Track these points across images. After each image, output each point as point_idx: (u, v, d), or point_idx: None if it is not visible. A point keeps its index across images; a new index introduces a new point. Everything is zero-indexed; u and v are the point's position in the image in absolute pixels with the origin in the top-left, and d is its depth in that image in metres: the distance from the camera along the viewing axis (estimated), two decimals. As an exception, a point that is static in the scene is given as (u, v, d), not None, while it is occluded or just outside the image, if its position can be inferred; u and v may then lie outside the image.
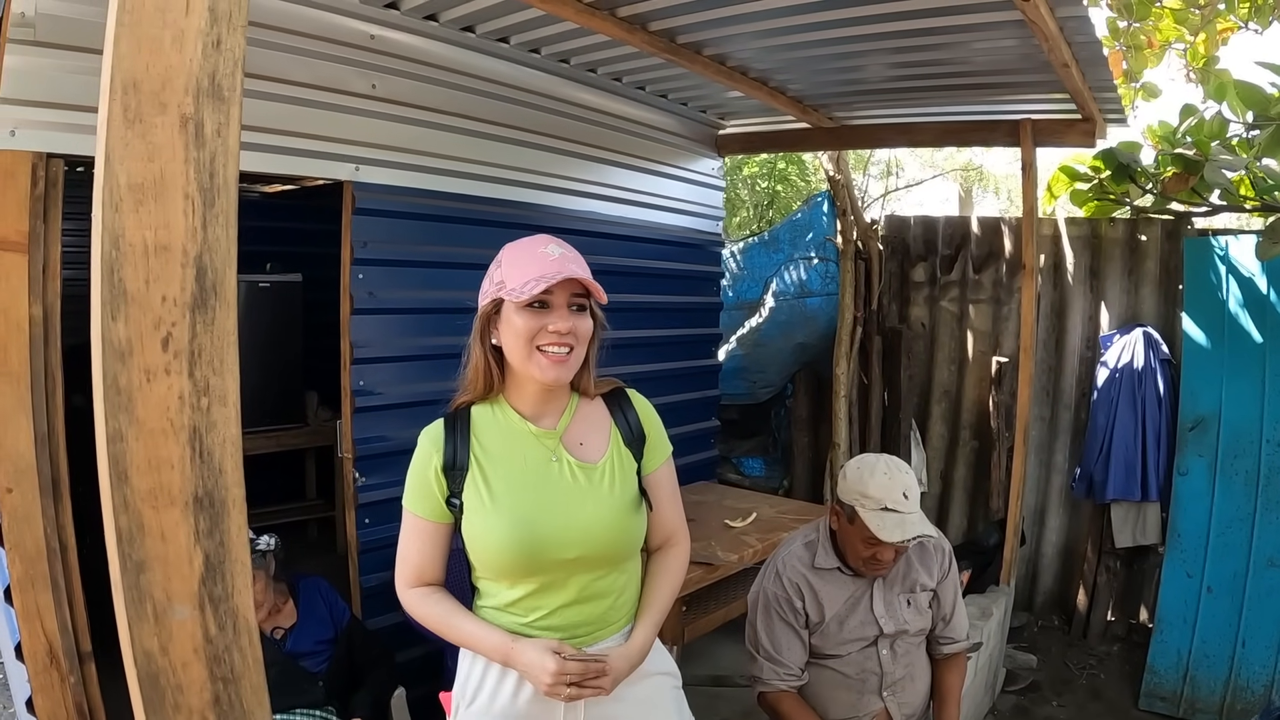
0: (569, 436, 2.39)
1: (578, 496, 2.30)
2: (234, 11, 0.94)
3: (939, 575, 3.31)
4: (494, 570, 2.29)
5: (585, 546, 2.26)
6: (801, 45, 4.73)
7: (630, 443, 2.44)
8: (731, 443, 8.25)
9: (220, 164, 0.93)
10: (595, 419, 2.45)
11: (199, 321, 0.91)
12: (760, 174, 13.85)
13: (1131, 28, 8.79)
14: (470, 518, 2.27)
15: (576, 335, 2.24)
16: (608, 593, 2.35)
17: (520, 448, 2.33)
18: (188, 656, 0.91)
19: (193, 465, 0.91)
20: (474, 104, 4.75)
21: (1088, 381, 6.77)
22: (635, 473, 2.42)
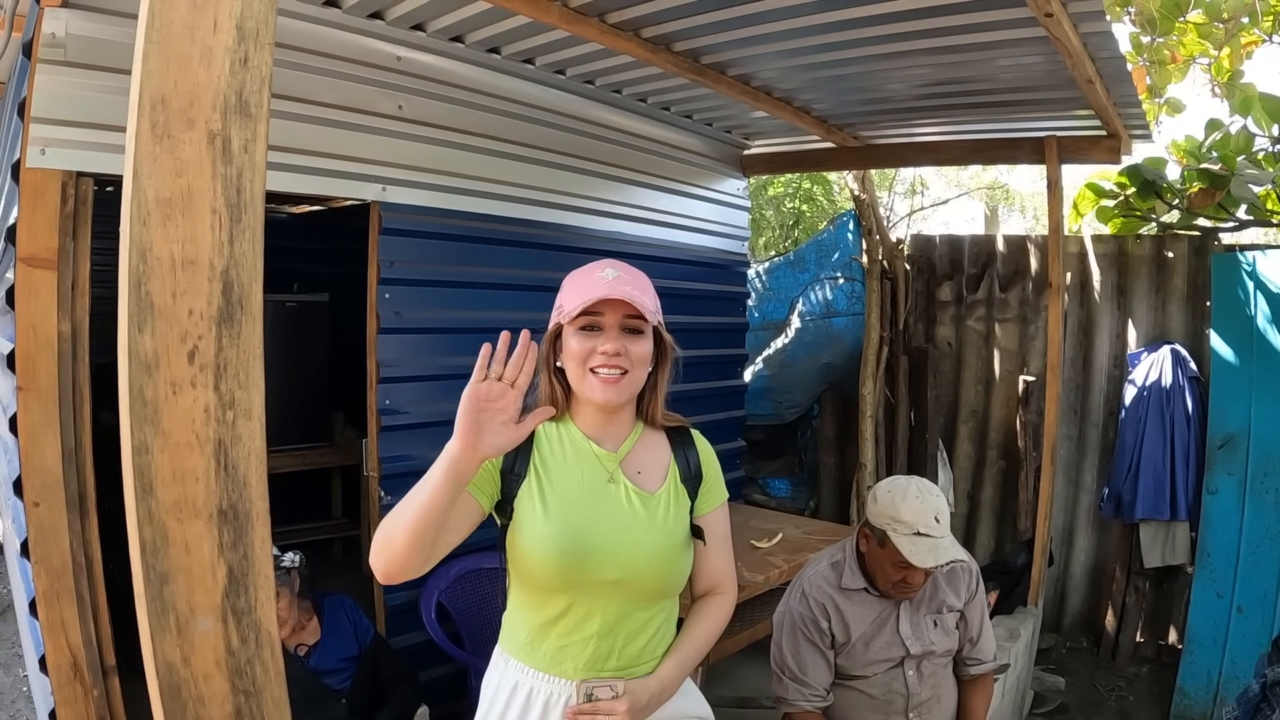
0: (629, 462, 2.38)
1: (630, 519, 2.30)
2: (261, 29, 0.95)
3: (966, 596, 3.29)
4: (535, 582, 2.27)
5: (628, 569, 2.24)
6: (825, 65, 4.74)
7: (686, 480, 2.42)
8: (758, 463, 8.23)
9: (247, 180, 0.94)
10: (656, 451, 2.44)
11: (225, 335, 0.92)
12: (786, 194, 13.85)
13: (1155, 43, 8.77)
14: (520, 525, 2.26)
15: (630, 358, 2.23)
16: (644, 628, 2.31)
17: (580, 465, 2.34)
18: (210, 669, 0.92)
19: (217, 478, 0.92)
20: (500, 125, 4.78)
21: (1115, 400, 6.74)
22: (688, 511, 2.41)
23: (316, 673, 3.78)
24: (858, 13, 3.94)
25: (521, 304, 4.81)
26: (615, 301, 2.19)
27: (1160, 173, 6.97)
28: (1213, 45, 8.81)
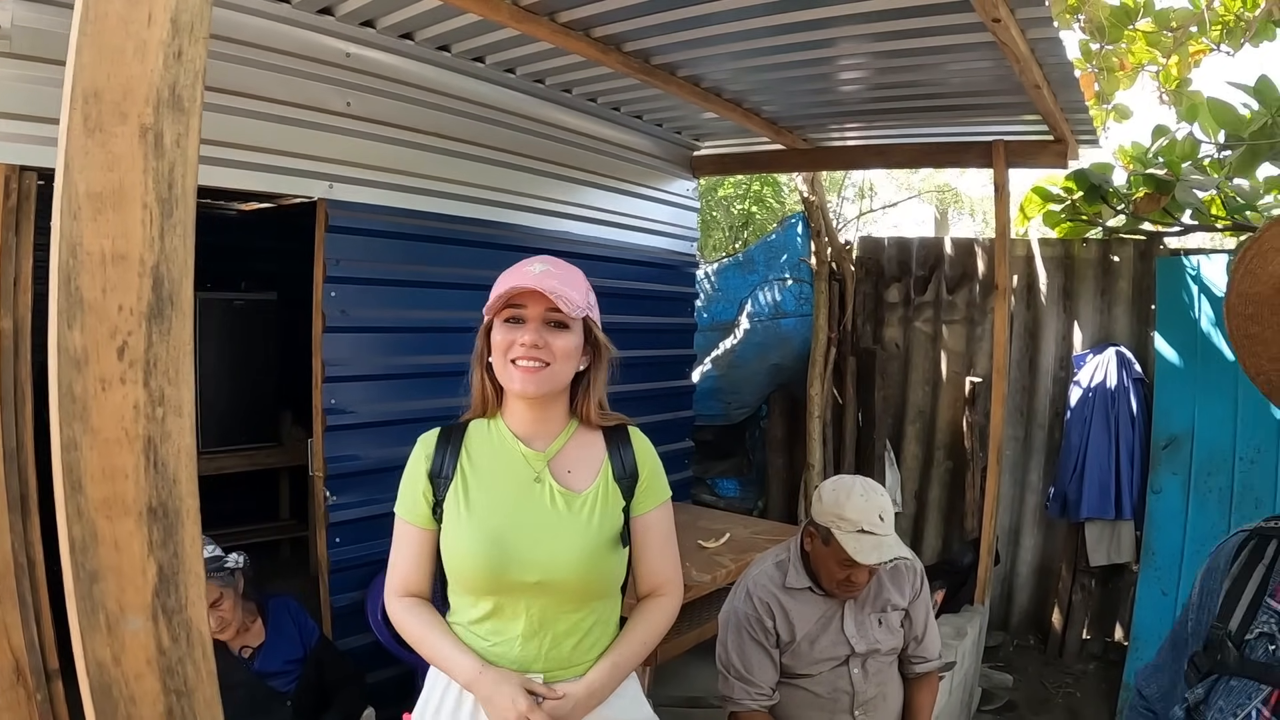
0: (558, 462, 2.37)
1: (553, 521, 2.28)
2: (196, 23, 0.95)
3: (911, 595, 3.31)
4: (460, 583, 2.29)
5: (549, 572, 2.23)
6: (775, 67, 4.76)
7: (621, 479, 2.39)
8: (707, 464, 8.25)
9: (179, 174, 0.93)
10: (590, 449, 2.43)
11: (155, 331, 0.91)
12: (736, 195, 13.88)
13: (1104, 50, 8.85)
14: (446, 526, 2.28)
15: (551, 350, 2.23)
16: (572, 630, 2.30)
17: (506, 465, 2.35)
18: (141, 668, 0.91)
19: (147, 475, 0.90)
20: (449, 123, 4.76)
21: (1061, 401, 6.83)
22: (622, 510, 2.38)
23: (261, 675, 3.75)
24: (807, 15, 3.96)
25: (469, 303, 4.78)
26: (537, 294, 2.20)
27: (1106, 177, 7.05)
28: (1161, 53, 8.91)
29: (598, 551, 2.29)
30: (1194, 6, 8.75)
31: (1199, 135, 7.22)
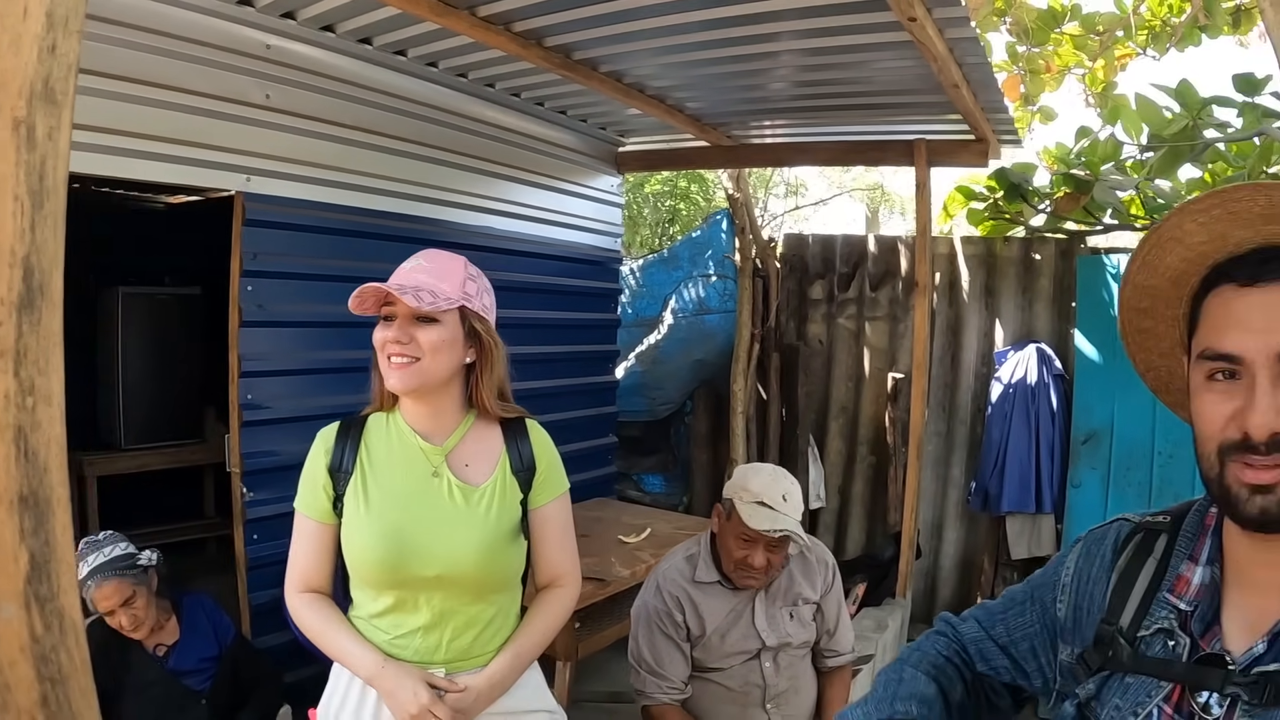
0: (455, 456, 2.40)
1: (451, 515, 2.31)
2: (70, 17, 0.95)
3: (822, 589, 3.34)
4: (360, 578, 2.31)
5: (447, 566, 2.27)
6: (699, 63, 4.78)
7: (518, 472, 2.43)
8: (632, 460, 8.26)
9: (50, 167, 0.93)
10: (488, 443, 2.45)
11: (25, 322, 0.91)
12: (662, 191, 13.92)
13: (1030, 52, 8.96)
14: (346, 521, 2.30)
15: (419, 345, 2.25)
16: (473, 623, 2.34)
17: (404, 459, 2.37)
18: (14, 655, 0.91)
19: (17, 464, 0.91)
20: (371, 117, 4.73)
21: (983, 397, 6.90)
22: (520, 503, 2.42)
23: (176, 673, 3.71)
24: (727, 12, 3.98)
25: (389, 298, 4.80)
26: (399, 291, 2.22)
27: (1026, 176, 7.15)
28: (1088, 56, 9.05)
29: (496, 544, 2.33)
30: (1120, 11, 8.90)
31: (1121, 137, 7.35)
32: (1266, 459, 1.09)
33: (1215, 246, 1.21)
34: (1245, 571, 1.24)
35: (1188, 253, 1.24)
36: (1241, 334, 1.12)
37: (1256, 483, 1.10)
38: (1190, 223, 1.20)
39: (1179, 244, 1.23)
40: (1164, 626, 1.27)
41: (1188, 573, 1.30)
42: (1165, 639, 1.26)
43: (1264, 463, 1.09)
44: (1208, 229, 1.19)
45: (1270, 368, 1.09)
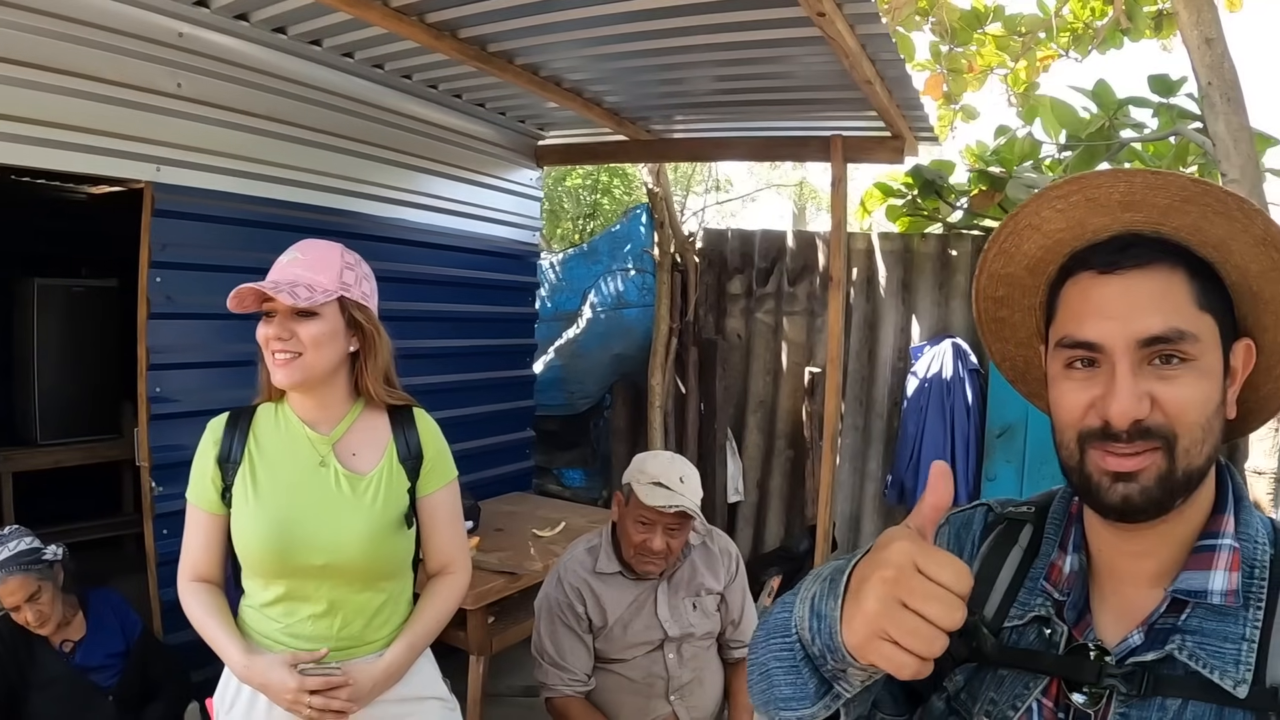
0: (343, 445, 2.41)
1: (338, 504, 2.33)
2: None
3: (726, 579, 3.37)
4: (250, 567, 2.32)
5: (334, 555, 2.29)
6: (616, 56, 4.77)
7: (405, 460, 2.45)
8: (552, 454, 8.25)
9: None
10: (375, 431, 2.47)
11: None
12: (584, 186, 13.90)
13: (953, 52, 9.07)
14: (235, 511, 2.32)
15: (300, 340, 2.26)
16: (363, 610, 2.37)
17: (292, 449, 2.38)
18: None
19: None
20: (285, 107, 4.67)
21: (900, 391, 6.96)
22: (407, 491, 2.44)
23: (82, 669, 3.65)
24: (643, 4, 3.98)
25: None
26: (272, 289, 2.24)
27: (940, 173, 7.24)
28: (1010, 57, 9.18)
29: (382, 533, 2.35)
30: (1043, 13, 9.05)
31: (1040, 135, 7.48)
32: (1128, 447, 1.09)
33: (1074, 234, 1.21)
34: (1110, 562, 1.25)
35: (1045, 240, 1.24)
36: (1100, 321, 1.12)
37: (1119, 470, 1.11)
38: (1048, 209, 1.20)
39: (1037, 231, 1.23)
40: (1040, 614, 1.26)
41: (1059, 561, 1.30)
42: (1040, 628, 1.26)
43: (1126, 450, 1.10)
44: (1066, 216, 1.19)
45: (1130, 355, 1.10)
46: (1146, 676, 1.12)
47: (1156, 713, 1.11)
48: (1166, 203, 1.11)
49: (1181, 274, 1.13)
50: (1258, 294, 1.17)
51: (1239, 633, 1.10)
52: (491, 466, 6.30)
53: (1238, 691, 1.06)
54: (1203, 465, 1.12)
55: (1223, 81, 5.13)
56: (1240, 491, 1.21)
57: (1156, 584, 1.18)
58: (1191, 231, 1.13)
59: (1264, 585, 1.12)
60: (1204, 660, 1.09)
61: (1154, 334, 1.09)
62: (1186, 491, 1.12)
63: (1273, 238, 1.10)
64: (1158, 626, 1.15)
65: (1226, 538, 1.16)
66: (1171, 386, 1.09)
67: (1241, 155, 5.10)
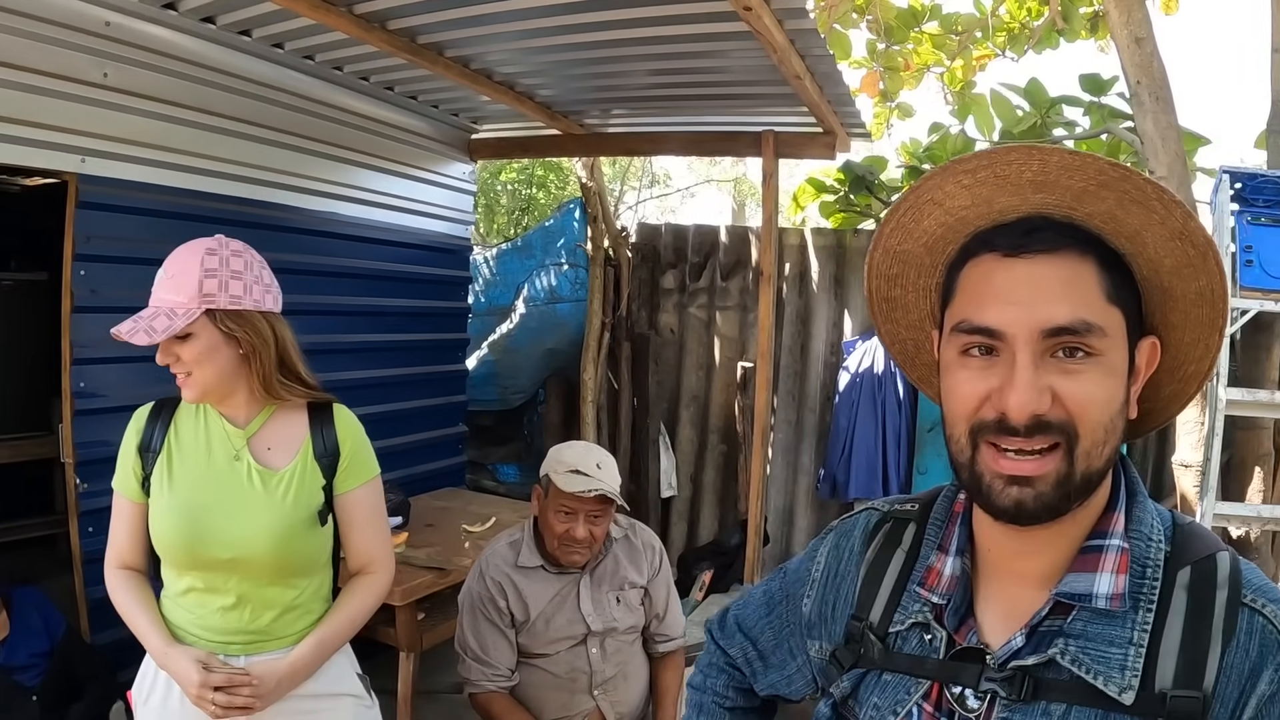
0: (259, 439, 2.41)
1: (249, 499, 2.33)
2: None
3: (650, 572, 3.38)
4: (163, 557, 2.34)
5: (242, 550, 2.29)
6: (548, 50, 4.76)
7: (321, 457, 2.43)
8: (487, 449, 8.22)
9: None
10: (292, 428, 2.45)
11: None
12: (519, 180, 13.86)
13: (889, 50, 9.14)
14: (151, 501, 2.35)
15: (184, 362, 2.26)
16: (273, 604, 2.36)
17: (209, 442, 2.39)
18: None
19: None
20: (214, 98, 4.59)
21: (832, 386, 7.01)
22: (322, 489, 2.42)
23: (5, 669, 3.63)
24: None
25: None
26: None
27: (872, 169, 7.30)
28: (946, 56, 9.27)
29: (291, 530, 2.34)
30: (980, 12, 9.15)
31: (973, 133, 7.57)
32: (1025, 443, 1.05)
33: (978, 212, 1.15)
34: (998, 561, 1.21)
35: (947, 217, 1.17)
36: (1003, 307, 1.07)
37: (1014, 474, 1.06)
38: (952, 184, 1.13)
39: (938, 207, 1.17)
40: (919, 620, 1.23)
41: (938, 564, 1.26)
42: (921, 633, 1.23)
43: (1025, 447, 1.05)
44: (972, 193, 1.13)
45: (1032, 345, 1.05)
46: (1027, 680, 1.10)
47: (1040, 718, 1.08)
48: (1081, 186, 1.06)
49: (1092, 263, 1.08)
50: (1168, 290, 1.13)
51: (1126, 637, 1.07)
52: (423, 462, 6.27)
53: (1123, 698, 1.03)
54: (1102, 467, 1.08)
55: (1152, 80, 5.21)
56: (1134, 487, 1.18)
57: (1044, 585, 1.15)
58: (1106, 219, 1.08)
59: (1155, 585, 1.09)
60: (1088, 666, 1.07)
61: (1059, 324, 1.04)
62: (1084, 495, 1.09)
63: (1190, 232, 1.05)
64: (1042, 629, 1.13)
65: (1115, 538, 1.12)
66: (1075, 382, 1.05)
67: (1169, 153, 5.19)
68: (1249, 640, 1.02)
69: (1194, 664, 1.03)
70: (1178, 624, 1.06)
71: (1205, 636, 1.04)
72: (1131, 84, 5.32)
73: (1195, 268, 1.08)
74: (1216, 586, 1.07)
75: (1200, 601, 1.07)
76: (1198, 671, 1.03)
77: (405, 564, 4.46)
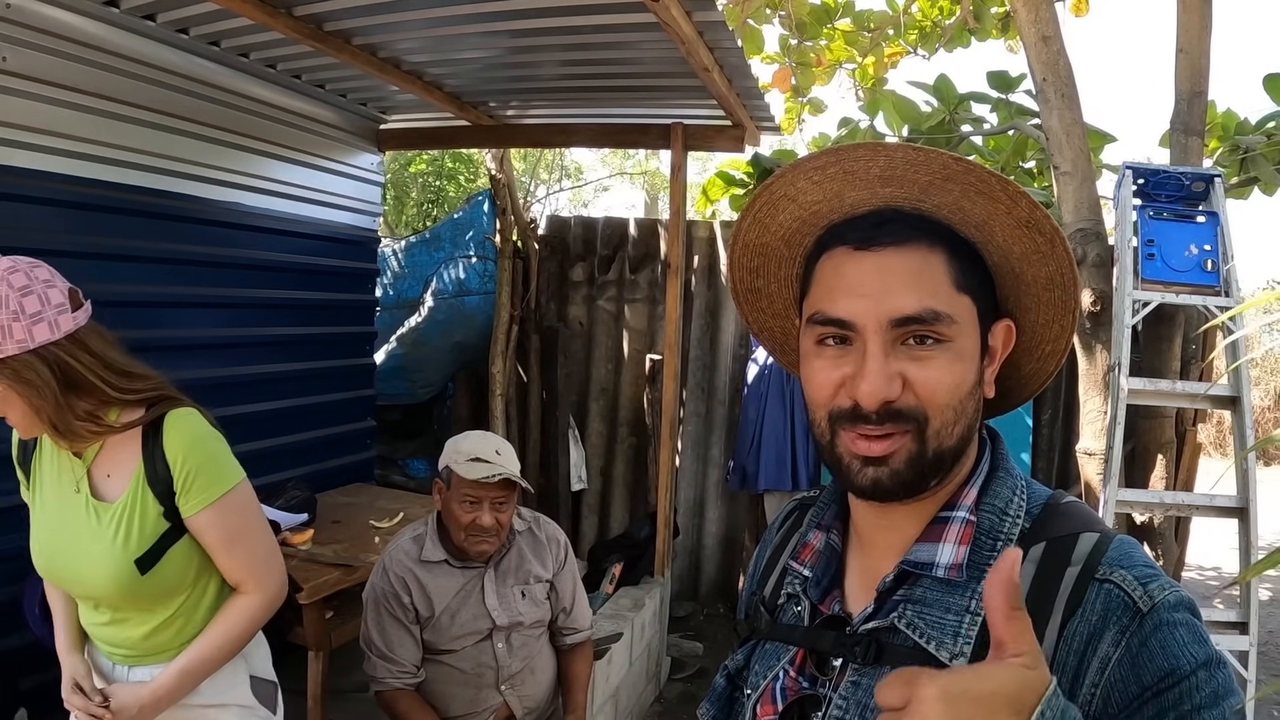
0: (98, 465, 2.27)
1: (85, 537, 2.22)
2: None
3: (555, 566, 3.38)
4: None
5: (89, 588, 2.25)
6: (457, 39, 4.72)
7: (154, 483, 2.22)
8: (396, 444, 8.16)
9: None
10: (128, 449, 2.26)
11: None
12: (429, 171, 13.76)
13: (802, 45, 9.21)
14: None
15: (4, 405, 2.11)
16: (145, 623, 2.30)
17: (59, 469, 2.29)
18: None
19: None
20: (117, 84, 4.46)
21: (742, 378, 7.06)
22: (160, 516, 2.24)
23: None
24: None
25: (132, 276, 4.55)
26: None
27: (780, 162, 7.35)
28: (859, 52, 9.36)
29: (127, 568, 2.20)
30: (892, 10, 9.26)
31: (882, 129, 7.65)
32: (879, 429, 1.08)
33: (830, 206, 1.19)
34: (865, 535, 1.26)
35: (801, 211, 1.22)
36: (853, 299, 1.10)
37: (868, 454, 1.10)
38: (804, 180, 1.17)
39: (792, 202, 1.21)
40: (790, 592, 1.30)
41: (813, 539, 1.32)
42: (793, 605, 1.29)
43: (875, 432, 1.09)
44: (822, 188, 1.17)
45: (882, 334, 1.08)
46: (872, 644, 1.13)
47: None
48: (927, 179, 1.10)
49: (941, 253, 1.12)
50: (1020, 275, 1.17)
51: (963, 605, 1.10)
52: (330, 457, 6.19)
53: (954, 664, 1.05)
54: (955, 445, 1.12)
55: (1058, 78, 5.30)
56: (999, 462, 1.21)
57: (901, 555, 1.18)
58: (953, 210, 1.13)
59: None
60: (921, 630, 1.10)
61: (907, 314, 1.08)
62: (939, 472, 1.13)
63: (1036, 221, 1.10)
64: (894, 598, 1.16)
65: (962, 510, 1.16)
66: (924, 368, 1.08)
67: (1073, 149, 5.28)
68: (1092, 609, 1.04)
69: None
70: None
71: (1046, 608, 1.05)
72: (1038, 81, 5.41)
73: (1044, 254, 1.13)
74: (1069, 563, 1.08)
75: (1046, 576, 1.08)
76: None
77: (312, 561, 4.41)
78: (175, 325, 4.89)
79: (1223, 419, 14.08)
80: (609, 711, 4.80)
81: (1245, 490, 4.73)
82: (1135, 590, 1.02)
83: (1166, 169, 5.14)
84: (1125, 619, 1.01)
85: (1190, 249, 4.90)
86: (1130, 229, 4.98)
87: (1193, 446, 5.77)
